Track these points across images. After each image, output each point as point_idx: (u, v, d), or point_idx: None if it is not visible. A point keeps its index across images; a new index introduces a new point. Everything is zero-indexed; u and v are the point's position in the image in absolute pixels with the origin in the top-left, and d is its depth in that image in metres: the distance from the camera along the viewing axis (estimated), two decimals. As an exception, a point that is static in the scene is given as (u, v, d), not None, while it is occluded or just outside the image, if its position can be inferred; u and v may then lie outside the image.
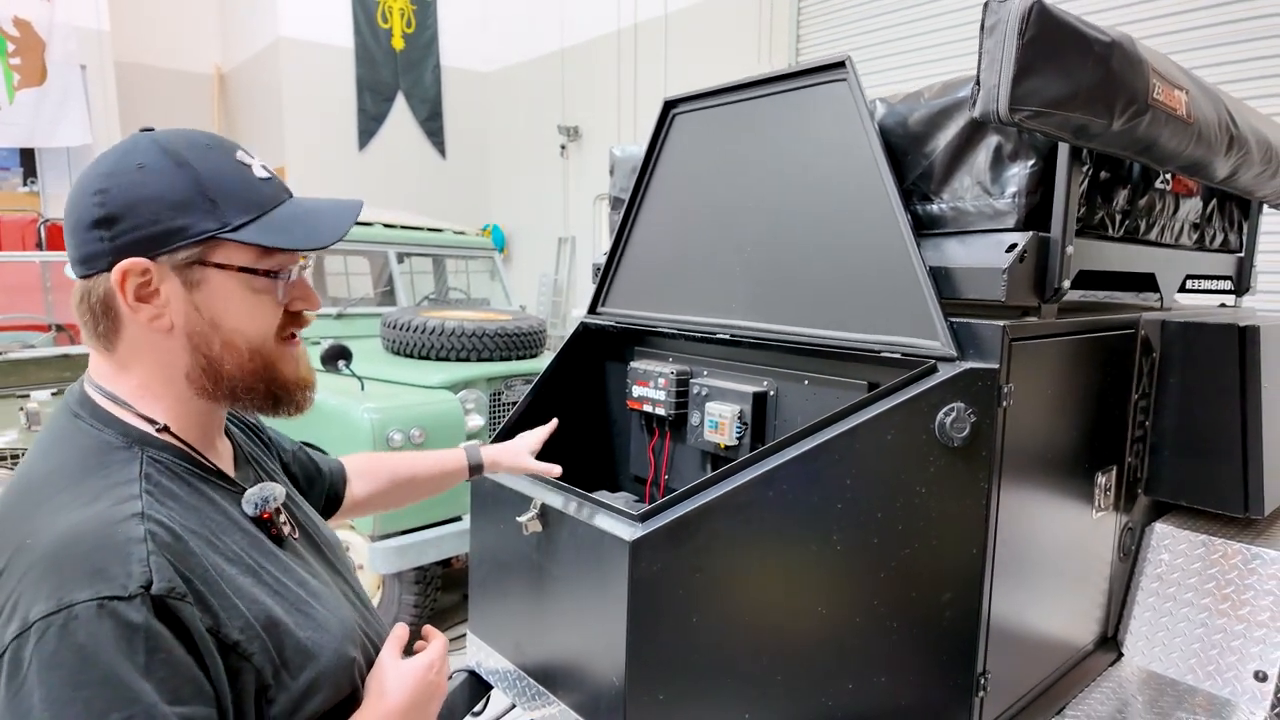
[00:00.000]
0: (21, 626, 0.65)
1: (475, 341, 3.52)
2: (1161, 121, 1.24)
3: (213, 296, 0.80)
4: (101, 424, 0.80)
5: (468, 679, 1.77)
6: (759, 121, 1.56)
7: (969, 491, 1.25)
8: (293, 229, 0.82)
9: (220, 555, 0.77)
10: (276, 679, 0.77)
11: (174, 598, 0.69)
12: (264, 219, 0.81)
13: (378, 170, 8.67)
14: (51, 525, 0.70)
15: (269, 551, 0.85)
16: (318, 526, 1.03)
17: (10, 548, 0.70)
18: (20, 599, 0.66)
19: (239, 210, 0.79)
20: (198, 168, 0.79)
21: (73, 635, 0.64)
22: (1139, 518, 1.77)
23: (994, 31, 1.08)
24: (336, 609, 0.88)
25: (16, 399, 2.96)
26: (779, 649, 1.28)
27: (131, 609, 0.66)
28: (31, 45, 7.27)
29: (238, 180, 0.81)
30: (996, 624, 1.32)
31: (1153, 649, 1.70)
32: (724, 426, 1.61)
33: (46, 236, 6.62)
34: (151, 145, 0.79)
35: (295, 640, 0.79)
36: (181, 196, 0.77)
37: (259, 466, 1.00)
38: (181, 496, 0.79)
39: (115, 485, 0.75)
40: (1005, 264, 1.24)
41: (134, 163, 0.78)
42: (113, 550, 0.69)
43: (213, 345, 0.81)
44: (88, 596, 0.65)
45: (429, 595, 3.29)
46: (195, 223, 0.78)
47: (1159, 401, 1.71)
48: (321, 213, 0.86)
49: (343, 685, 0.84)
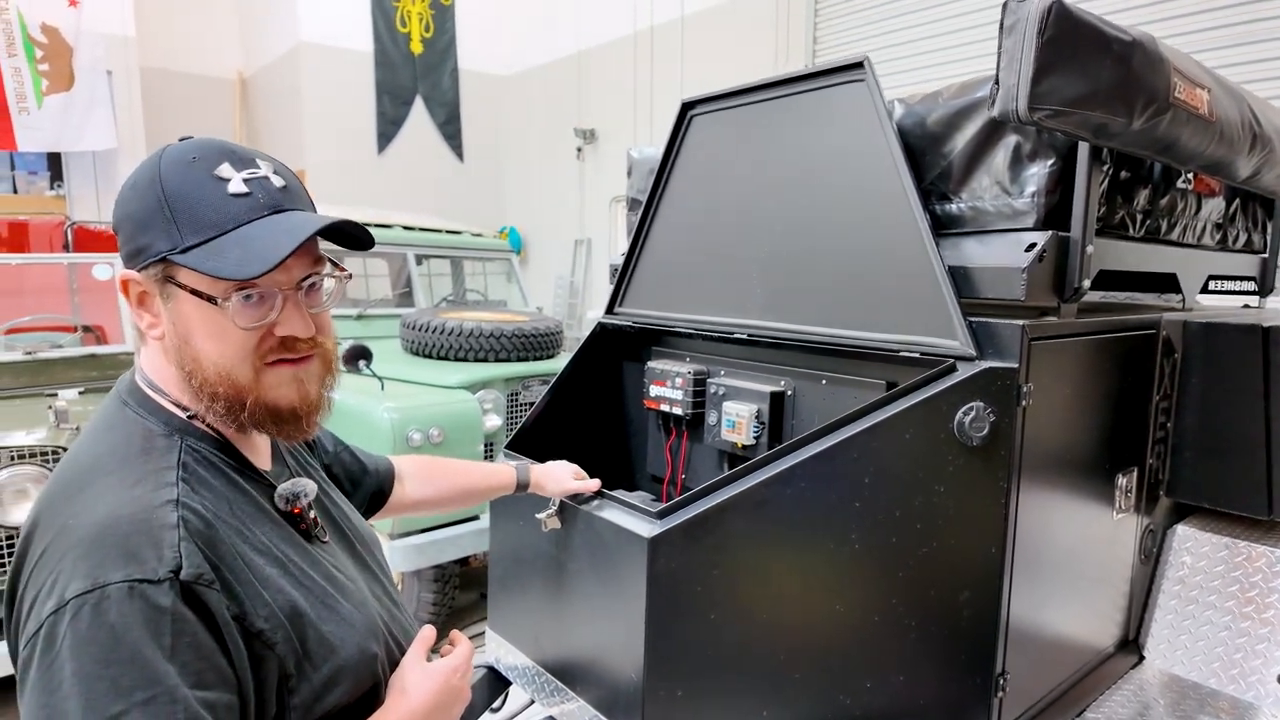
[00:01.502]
0: (58, 603, 0.67)
1: (493, 342, 3.54)
2: (1183, 120, 1.23)
3: (181, 314, 0.80)
4: (147, 412, 0.84)
5: (487, 675, 1.78)
6: (776, 122, 1.56)
7: (988, 491, 1.25)
8: (232, 253, 0.77)
9: (249, 545, 0.79)
10: (299, 669, 0.78)
11: (201, 584, 0.71)
12: (216, 241, 0.77)
13: (396, 173, 8.74)
14: (94, 508, 0.73)
15: (297, 545, 0.86)
16: (353, 524, 1.04)
17: (55, 527, 0.73)
18: (60, 576, 0.69)
19: (192, 231, 0.78)
20: (168, 186, 0.79)
21: (104, 614, 0.67)
22: (1160, 520, 1.76)
23: (1013, 31, 1.08)
24: (361, 605, 0.89)
25: (45, 397, 3.02)
26: (796, 647, 1.29)
27: (160, 592, 0.69)
28: (59, 51, 7.39)
29: (203, 198, 0.78)
30: (1015, 624, 1.32)
31: (1175, 652, 1.69)
32: (741, 426, 1.62)
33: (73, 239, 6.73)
34: (147, 163, 0.82)
35: (318, 632, 0.81)
36: (146, 215, 0.79)
37: (297, 461, 1.02)
38: (215, 486, 0.81)
39: (155, 471, 0.78)
40: (1024, 263, 1.24)
41: (133, 178, 0.82)
42: (146, 535, 0.71)
43: (185, 361, 0.81)
44: (120, 578, 0.68)
45: (447, 593, 3.32)
46: (154, 241, 0.79)
47: (1181, 403, 1.70)
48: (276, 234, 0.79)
49: (364, 680, 0.85)
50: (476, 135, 9.42)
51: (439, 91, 9.06)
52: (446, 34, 9.05)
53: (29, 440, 2.61)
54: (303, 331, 0.83)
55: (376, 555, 1.06)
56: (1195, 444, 1.69)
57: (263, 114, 9.24)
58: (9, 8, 7.02)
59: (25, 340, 3.45)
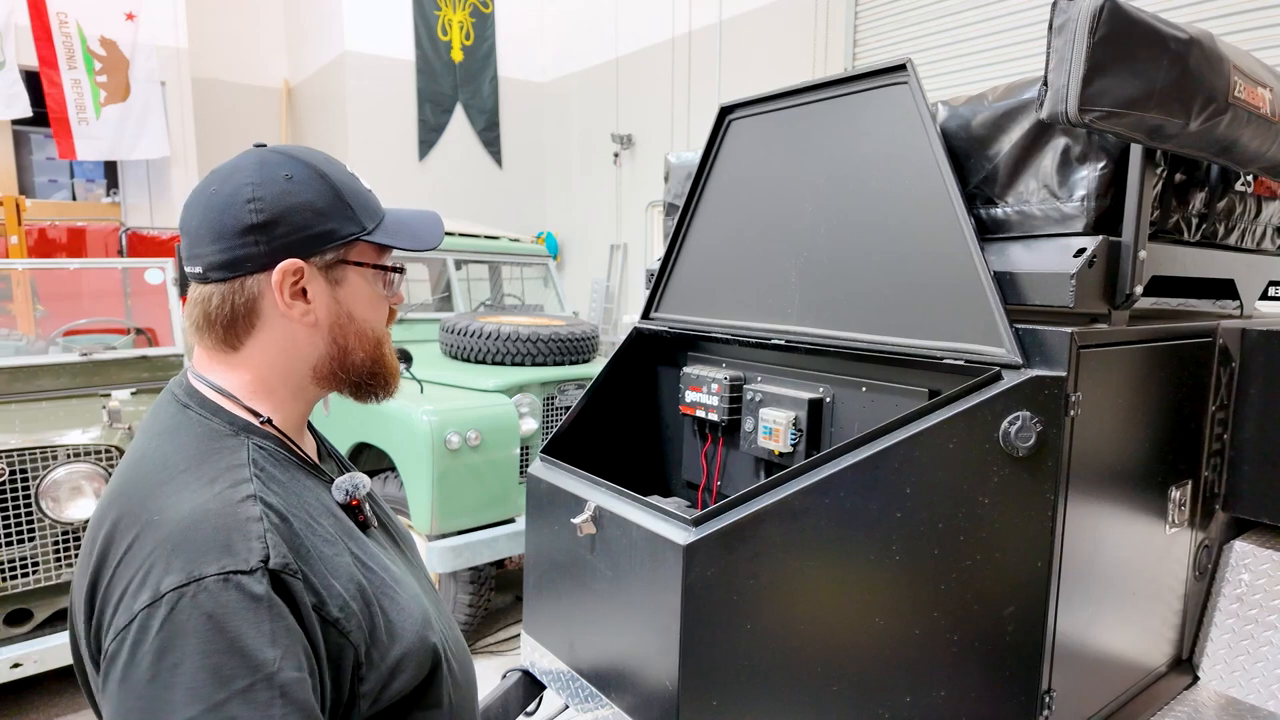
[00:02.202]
0: (153, 597, 0.69)
1: (530, 346, 3.57)
2: (1243, 121, 1.19)
3: (351, 292, 0.90)
4: (210, 413, 0.85)
5: (521, 679, 1.79)
6: (816, 126, 1.55)
7: (1034, 503, 1.21)
8: (404, 234, 0.92)
9: (319, 537, 0.82)
10: (368, 658, 0.80)
11: (288, 573, 0.74)
12: (385, 224, 0.91)
13: (437, 179, 8.87)
14: (177, 504, 0.75)
15: (356, 537, 0.89)
16: (393, 520, 1.07)
17: (138, 524, 0.75)
18: (152, 570, 0.71)
19: (369, 216, 0.90)
20: (333, 178, 0.88)
21: (202, 606, 0.68)
22: (1216, 535, 1.69)
23: (1063, 30, 1.05)
24: (415, 596, 0.91)
25: (99, 398, 3.12)
26: (834, 659, 1.27)
27: (254, 581, 0.71)
28: (117, 64, 7.67)
29: (359, 190, 0.91)
30: (1062, 640, 1.28)
31: (1231, 673, 1.62)
32: (778, 433, 1.60)
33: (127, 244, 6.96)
34: (287, 159, 0.87)
35: (385, 620, 0.83)
36: (327, 204, 0.87)
37: (338, 461, 1.06)
38: (283, 481, 0.84)
39: (229, 469, 0.80)
40: (1074, 269, 1.20)
41: (280, 174, 0.85)
42: (235, 528, 0.73)
43: (349, 335, 0.90)
44: (215, 570, 0.70)
45: (483, 595, 3.34)
46: (341, 227, 0.87)
47: (1239, 413, 1.63)
48: (416, 221, 0.96)
49: (425, 666, 0.87)
50: (515, 142, 9.52)
51: (479, 99, 9.18)
52: (487, 42, 9.16)
53: (85, 439, 2.70)
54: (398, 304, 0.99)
55: (414, 552, 1.09)
56: (1254, 456, 1.63)
57: (308, 122, 9.46)
58: (70, 22, 7.31)
59: (81, 342, 3.57)
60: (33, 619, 2.67)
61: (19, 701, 2.93)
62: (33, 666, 2.59)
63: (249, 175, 0.84)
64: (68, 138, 7.45)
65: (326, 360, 0.90)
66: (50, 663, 2.62)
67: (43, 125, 7.54)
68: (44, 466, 2.61)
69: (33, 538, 2.62)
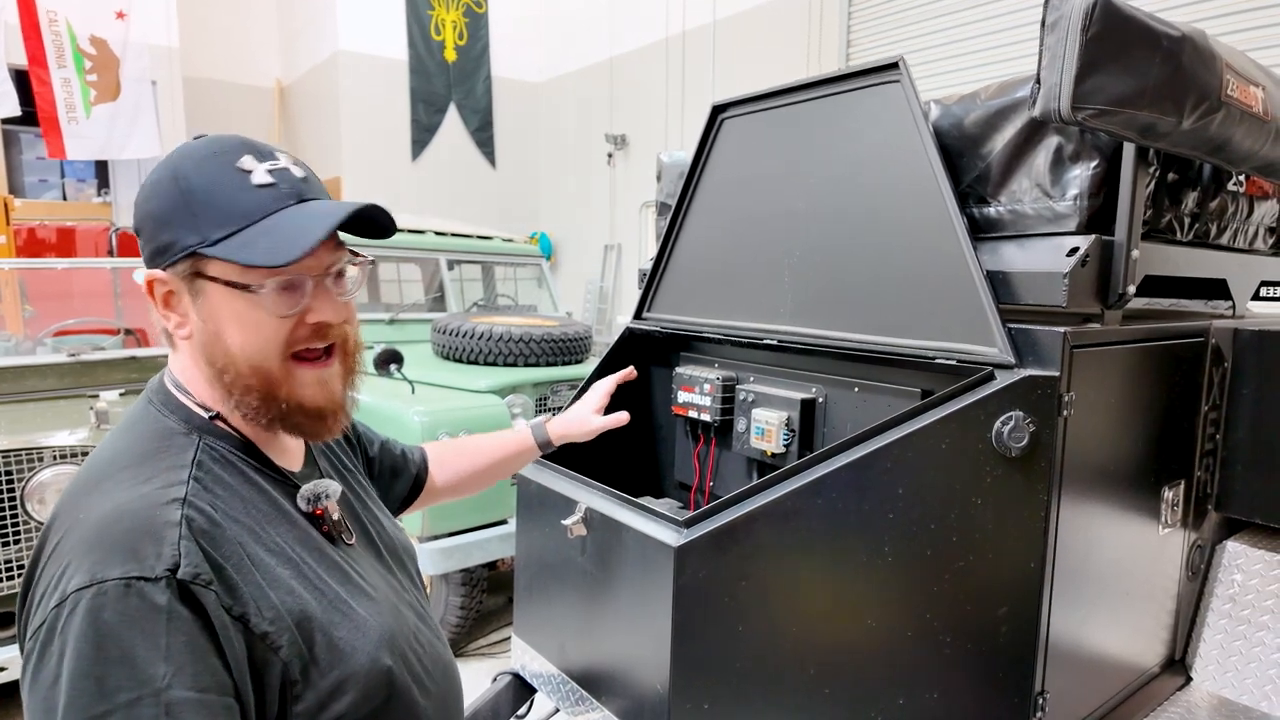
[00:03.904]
0: (60, 598, 0.68)
1: (523, 347, 3.55)
2: (1235, 119, 1.18)
3: (212, 309, 0.80)
4: (169, 410, 0.84)
5: (511, 682, 1.78)
6: (809, 125, 1.54)
7: (1027, 504, 1.21)
8: (261, 242, 0.77)
9: (261, 545, 0.79)
10: (304, 675, 0.77)
11: (198, 583, 0.70)
12: (245, 231, 0.78)
13: (430, 179, 8.84)
14: (103, 503, 0.74)
15: (316, 548, 0.85)
16: (386, 532, 1.02)
17: (68, 522, 0.74)
18: (66, 571, 0.69)
19: (218, 224, 0.78)
20: (189, 181, 0.79)
21: (99, 611, 0.66)
22: (1209, 535, 1.69)
23: (1056, 28, 1.04)
24: (378, 614, 0.86)
25: (87, 399, 3.09)
26: (827, 661, 1.26)
27: (157, 590, 0.68)
28: (107, 63, 7.61)
29: (226, 191, 0.79)
30: (1055, 641, 1.27)
31: (1224, 674, 1.62)
32: (771, 433, 1.59)
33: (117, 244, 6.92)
34: (166, 161, 0.82)
35: (328, 638, 0.79)
36: (167, 212, 0.79)
37: (332, 462, 1.01)
38: (232, 485, 0.81)
39: (168, 469, 0.78)
40: (1066, 268, 1.20)
41: (151, 178, 0.82)
42: (148, 532, 0.71)
43: (217, 357, 0.81)
44: (118, 575, 0.68)
45: (474, 597, 3.33)
46: (180, 238, 0.79)
47: (1231, 414, 1.63)
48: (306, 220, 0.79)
49: (374, 691, 0.82)
50: (508, 142, 9.49)
51: (472, 99, 9.15)
52: (480, 41, 9.14)
53: (72, 440, 2.68)
54: (334, 317, 0.83)
55: (408, 566, 1.04)
56: (1246, 457, 1.63)
57: (301, 121, 9.42)
58: (59, 20, 7.25)
59: (70, 342, 3.54)
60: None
61: (5, 706, 2.90)
62: (18, 671, 2.56)
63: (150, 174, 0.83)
64: (57, 137, 7.40)
65: (216, 380, 0.82)
66: (37, 666, 2.59)
67: (32, 124, 7.48)
68: (30, 468, 2.59)
69: (18, 540, 2.59)
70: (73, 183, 8.64)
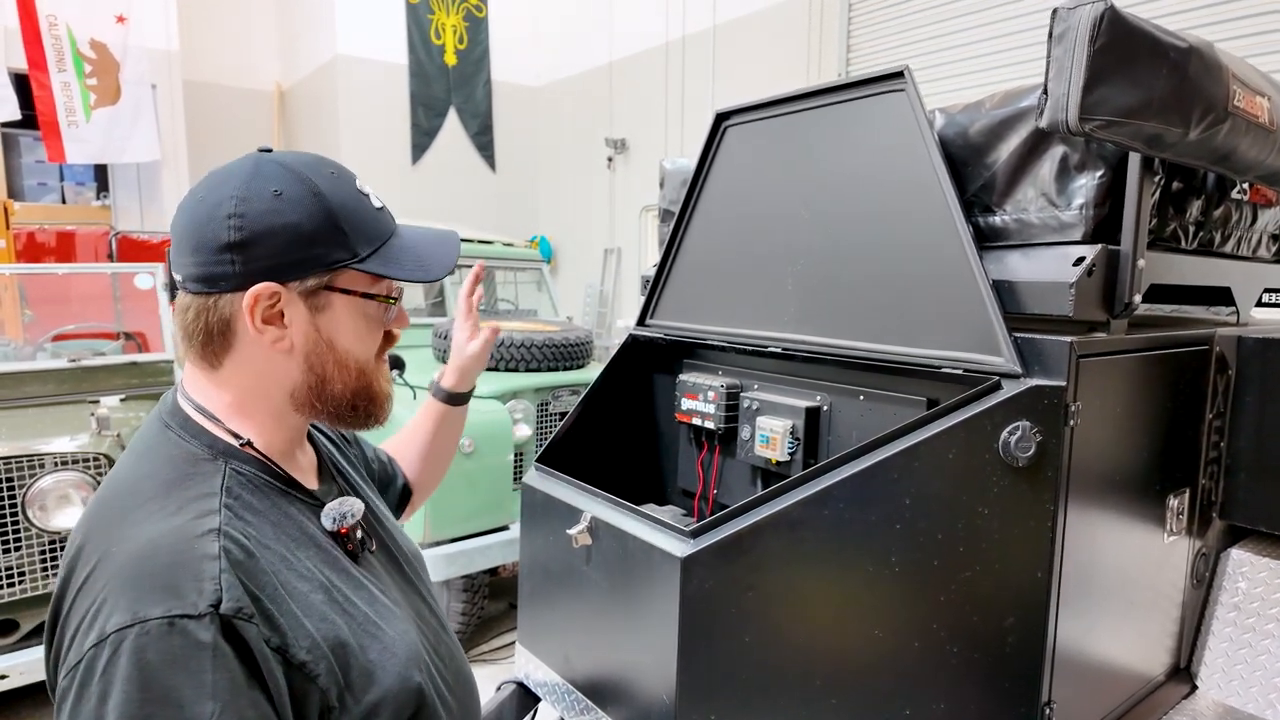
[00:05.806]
0: (99, 637, 0.66)
1: (523, 352, 3.55)
2: (1241, 130, 1.18)
3: (333, 320, 0.84)
4: (190, 435, 0.82)
5: (516, 691, 1.77)
6: (813, 133, 1.54)
7: (1034, 513, 1.20)
8: (406, 261, 0.87)
9: (293, 572, 0.78)
10: (340, 701, 0.76)
11: (241, 617, 0.69)
12: (383, 250, 0.85)
13: (430, 183, 8.85)
14: (135, 536, 0.72)
15: (343, 569, 0.85)
16: (398, 541, 1.02)
17: (99, 552, 0.72)
18: (102, 608, 0.68)
19: (364, 241, 0.84)
20: (329, 198, 0.82)
21: (142, 651, 0.65)
22: (1214, 543, 1.69)
23: (1063, 39, 1.04)
24: (405, 632, 0.87)
25: (87, 404, 3.08)
26: (833, 671, 1.25)
27: (200, 628, 0.67)
28: (107, 67, 7.62)
29: (361, 211, 0.85)
30: (1062, 651, 1.27)
31: (1230, 682, 1.62)
32: (775, 442, 1.59)
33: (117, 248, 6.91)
34: (284, 171, 0.81)
35: (361, 662, 0.79)
36: (316, 227, 0.81)
37: (343, 478, 1.01)
38: (261, 510, 0.80)
39: (197, 498, 0.76)
40: (1072, 278, 1.20)
41: (269, 188, 0.79)
42: (187, 567, 0.70)
43: (327, 365, 0.85)
44: (160, 613, 0.66)
45: (476, 603, 3.32)
46: (328, 252, 0.82)
47: (1235, 421, 1.63)
48: (427, 244, 0.91)
49: (404, 709, 0.82)
50: (508, 146, 9.50)
51: (472, 103, 9.16)
52: (480, 46, 9.15)
53: (72, 446, 2.67)
54: (407, 325, 0.94)
55: (421, 573, 1.04)
56: (1250, 465, 1.62)
57: (300, 125, 9.42)
58: (59, 24, 7.26)
59: (70, 347, 3.53)
60: (19, 630, 2.63)
61: (5, 715, 2.89)
62: (19, 678, 2.55)
63: (236, 187, 0.79)
64: (57, 141, 7.40)
65: (304, 388, 0.85)
66: (37, 674, 2.57)
67: (32, 128, 7.48)
68: (30, 475, 2.58)
69: (19, 547, 2.59)
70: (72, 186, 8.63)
